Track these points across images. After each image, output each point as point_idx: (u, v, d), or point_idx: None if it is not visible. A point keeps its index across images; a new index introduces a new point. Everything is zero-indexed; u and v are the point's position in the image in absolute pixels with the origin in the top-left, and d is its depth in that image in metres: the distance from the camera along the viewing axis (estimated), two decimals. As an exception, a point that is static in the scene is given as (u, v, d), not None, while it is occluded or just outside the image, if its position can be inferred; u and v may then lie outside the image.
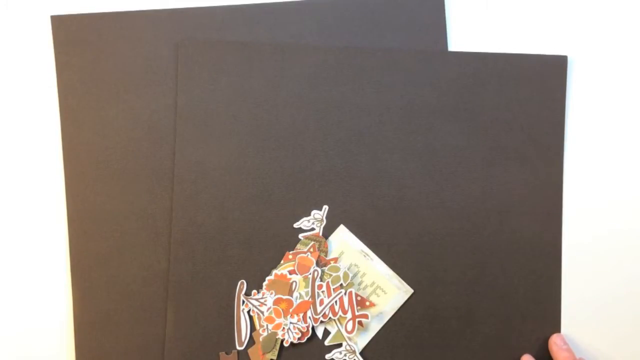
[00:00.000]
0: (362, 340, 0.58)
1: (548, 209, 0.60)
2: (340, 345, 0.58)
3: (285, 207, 0.59)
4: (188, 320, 0.58)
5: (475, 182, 0.59)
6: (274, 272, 0.58)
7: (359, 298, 0.58)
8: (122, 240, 0.59)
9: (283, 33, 0.61)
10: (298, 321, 0.57)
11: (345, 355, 0.58)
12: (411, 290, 0.59)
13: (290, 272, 0.58)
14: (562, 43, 0.61)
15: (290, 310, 0.57)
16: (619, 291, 0.60)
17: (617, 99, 0.61)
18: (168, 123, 0.60)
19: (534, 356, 0.58)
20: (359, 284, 0.59)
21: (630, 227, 0.60)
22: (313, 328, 0.58)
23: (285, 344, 0.57)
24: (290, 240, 0.59)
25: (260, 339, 0.57)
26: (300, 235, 0.59)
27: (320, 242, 0.59)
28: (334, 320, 0.58)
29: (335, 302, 0.57)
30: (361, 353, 0.58)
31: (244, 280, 0.58)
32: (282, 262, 0.58)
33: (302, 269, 0.58)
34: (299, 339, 0.57)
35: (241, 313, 0.58)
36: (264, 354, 0.57)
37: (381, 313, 0.58)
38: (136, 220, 0.59)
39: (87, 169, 0.59)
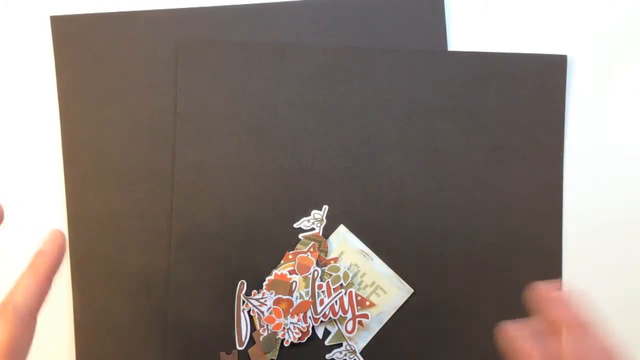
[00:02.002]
0: (362, 340, 0.58)
1: (548, 209, 0.59)
2: (340, 345, 0.58)
3: (285, 207, 0.59)
4: (188, 320, 0.58)
5: (475, 182, 0.59)
6: (274, 272, 0.58)
7: (359, 298, 0.58)
8: (122, 240, 0.59)
9: (283, 33, 0.60)
10: (298, 321, 0.57)
11: (345, 355, 0.58)
12: (411, 290, 0.59)
13: (290, 272, 0.58)
14: (562, 43, 0.61)
15: (291, 310, 0.57)
16: (619, 291, 0.60)
17: (617, 99, 0.61)
18: (168, 123, 0.60)
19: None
20: (359, 283, 0.59)
21: (631, 226, 0.60)
22: (313, 328, 0.58)
23: (286, 344, 0.57)
24: (290, 240, 0.59)
25: (261, 339, 0.57)
26: (300, 235, 0.59)
27: (320, 242, 0.58)
28: (334, 320, 0.58)
29: (336, 302, 0.57)
30: (361, 353, 0.58)
31: (244, 280, 0.58)
32: (282, 262, 0.58)
33: (302, 269, 0.58)
34: (299, 339, 0.57)
35: (241, 313, 0.58)
36: (264, 353, 0.57)
37: (381, 313, 0.58)
38: (136, 220, 0.59)
39: (87, 169, 0.59)
